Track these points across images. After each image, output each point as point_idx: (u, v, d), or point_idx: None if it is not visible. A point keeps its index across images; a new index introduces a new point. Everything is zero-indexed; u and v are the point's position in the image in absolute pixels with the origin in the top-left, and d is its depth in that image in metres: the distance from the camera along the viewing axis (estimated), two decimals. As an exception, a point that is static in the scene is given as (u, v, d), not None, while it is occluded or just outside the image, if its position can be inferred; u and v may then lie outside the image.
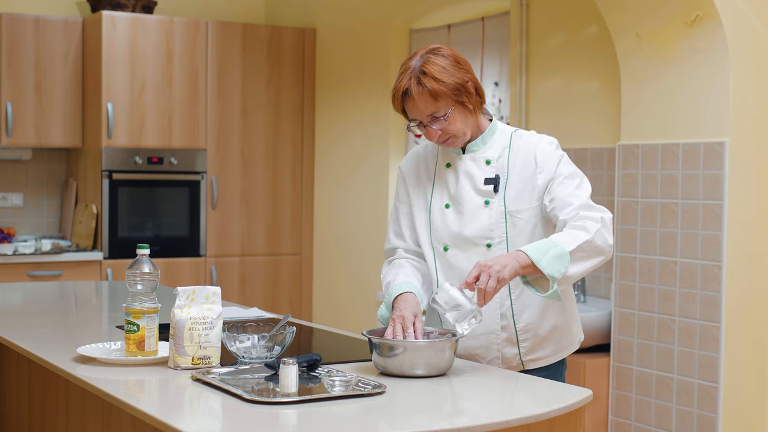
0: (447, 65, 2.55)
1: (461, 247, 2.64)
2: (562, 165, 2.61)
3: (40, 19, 5.87)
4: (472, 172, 2.64)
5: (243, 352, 2.49)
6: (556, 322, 2.65)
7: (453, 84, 2.53)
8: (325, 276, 6.40)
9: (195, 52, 6.08)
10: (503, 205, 2.60)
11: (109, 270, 5.82)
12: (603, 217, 2.51)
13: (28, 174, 6.18)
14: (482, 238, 2.61)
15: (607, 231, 2.51)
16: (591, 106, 4.60)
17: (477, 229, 2.62)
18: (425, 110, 2.55)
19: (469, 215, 2.62)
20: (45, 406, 3.08)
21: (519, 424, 2.07)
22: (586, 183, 2.61)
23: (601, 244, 2.48)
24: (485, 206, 2.61)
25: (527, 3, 4.88)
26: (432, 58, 2.55)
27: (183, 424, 1.98)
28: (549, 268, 2.40)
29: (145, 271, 2.52)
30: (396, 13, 5.78)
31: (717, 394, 3.86)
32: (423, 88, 2.52)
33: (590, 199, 2.58)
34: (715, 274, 3.87)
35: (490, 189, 2.61)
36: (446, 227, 2.66)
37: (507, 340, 2.63)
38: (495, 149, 2.64)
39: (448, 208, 2.66)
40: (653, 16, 4.02)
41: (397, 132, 5.81)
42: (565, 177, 2.59)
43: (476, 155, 2.65)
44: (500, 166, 2.63)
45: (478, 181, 2.63)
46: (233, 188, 6.24)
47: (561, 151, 2.65)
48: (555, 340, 2.67)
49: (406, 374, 2.38)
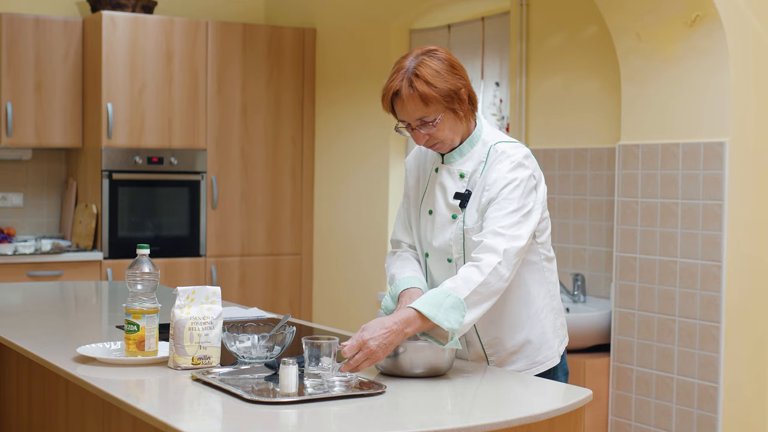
0: (441, 69, 2.46)
1: (434, 257, 2.62)
2: (507, 188, 2.45)
3: (40, 19, 5.87)
4: (445, 184, 2.57)
5: (243, 352, 2.49)
6: (529, 336, 2.57)
7: (445, 90, 2.45)
8: (325, 276, 6.40)
9: (195, 52, 6.08)
10: (463, 221, 2.53)
11: (109, 270, 5.82)
12: (506, 249, 2.39)
13: (28, 174, 6.18)
14: (445, 253, 2.57)
15: (507, 266, 2.38)
16: (591, 106, 4.60)
17: (441, 243, 2.57)
18: (414, 113, 2.47)
19: (439, 227, 2.58)
20: (45, 406, 3.08)
21: (519, 424, 2.07)
22: (523, 209, 2.44)
23: (495, 284, 2.38)
24: (452, 221, 2.55)
25: (527, 3, 4.88)
26: (426, 61, 2.46)
27: (183, 424, 1.98)
28: (447, 322, 2.32)
29: (145, 271, 2.52)
30: (396, 13, 5.78)
31: (717, 394, 3.86)
32: (414, 91, 2.44)
33: (519, 223, 2.42)
34: (715, 275, 3.87)
35: (457, 204, 2.53)
36: (425, 234, 2.63)
37: (474, 354, 2.60)
38: (471, 163, 2.55)
39: (430, 215, 2.62)
40: (653, 16, 4.02)
41: (396, 132, 5.80)
42: (501, 200, 2.45)
43: (452, 167, 2.57)
44: (473, 182, 2.53)
45: (449, 195, 2.55)
46: (233, 188, 6.24)
47: (521, 173, 2.47)
48: (528, 354, 2.59)
49: (407, 374, 2.38)
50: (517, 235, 2.42)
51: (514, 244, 2.40)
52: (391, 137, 5.79)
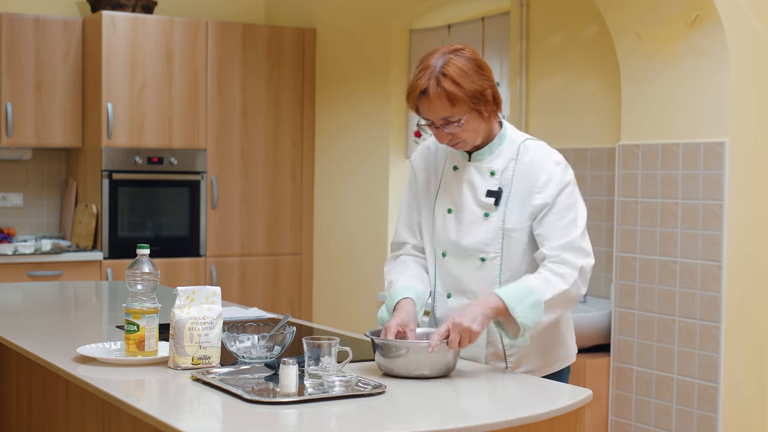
0: (468, 69, 2.45)
1: (457, 256, 2.59)
2: (563, 194, 2.51)
3: (40, 19, 5.87)
4: (474, 181, 2.57)
5: (243, 352, 2.49)
6: (548, 335, 2.59)
7: (472, 90, 2.45)
8: (325, 276, 6.40)
9: (195, 52, 6.08)
10: (502, 220, 2.53)
11: (109, 270, 5.82)
12: (583, 266, 2.46)
13: (28, 174, 6.18)
14: (477, 252, 2.56)
15: (583, 281, 2.47)
16: (591, 106, 4.60)
17: (473, 242, 2.55)
18: (440, 113, 2.47)
19: (467, 225, 2.56)
20: (45, 406, 3.08)
21: (519, 424, 2.07)
22: (581, 218, 2.52)
23: (575, 295, 2.45)
24: (484, 219, 2.54)
25: (527, 3, 4.88)
26: (454, 60, 2.45)
27: (183, 424, 1.98)
28: (523, 317, 2.37)
29: (145, 271, 2.52)
30: (396, 13, 5.78)
31: (717, 394, 3.86)
32: (441, 91, 2.43)
33: (583, 235, 2.50)
34: (715, 275, 3.87)
35: (491, 202, 2.54)
36: (445, 233, 2.60)
37: (494, 354, 2.60)
38: (501, 160, 2.56)
39: (450, 214, 2.60)
40: (653, 16, 4.02)
41: (397, 132, 5.81)
42: (561, 208, 2.49)
43: (481, 165, 2.57)
44: (504, 179, 2.54)
45: (480, 192, 2.56)
46: (233, 188, 6.24)
47: (568, 175, 2.54)
48: (545, 353, 2.61)
49: (412, 375, 2.38)
50: (588, 251, 2.49)
51: (589, 261, 2.48)
52: (391, 137, 5.79)
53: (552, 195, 2.50)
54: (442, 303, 2.65)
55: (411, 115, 5.70)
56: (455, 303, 2.60)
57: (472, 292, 2.57)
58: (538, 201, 2.50)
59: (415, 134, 5.65)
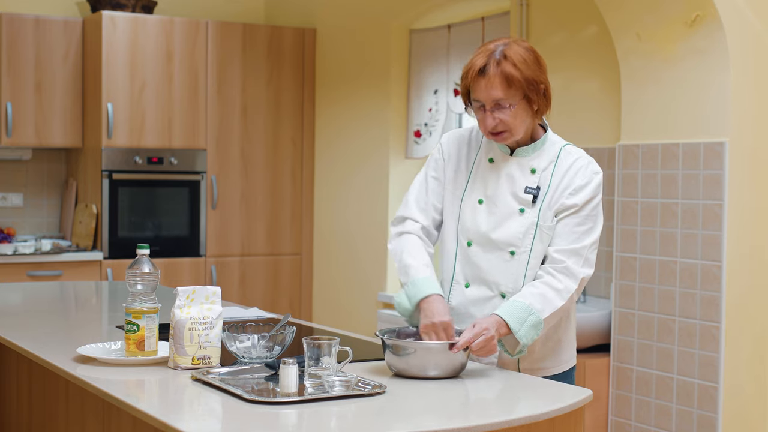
0: (528, 58, 2.53)
1: (484, 247, 2.61)
2: (592, 203, 2.60)
3: (40, 19, 5.87)
4: (515, 176, 2.60)
5: (243, 352, 2.49)
6: (559, 335, 2.65)
7: (529, 77, 2.51)
8: (325, 276, 6.40)
9: (195, 52, 6.08)
10: (537, 217, 2.57)
11: (109, 270, 5.82)
12: (584, 278, 2.54)
13: (28, 174, 6.18)
14: (508, 245, 2.58)
15: (578, 291, 2.55)
16: (591, 106, 4.60)
17: (506, 235, 2.59)
18: (494, 94, 2.50)
19: (501, 218, 2.59)
20: (45, 406, 3.08)
21: (519, 424, 2.07)
22: (597, 232, 2.60)
23: (568, 307, 2.54)
24: (519, 214, 2.58)
25: (527, 3, 4.88)
26: (515, 47, 2.53)
27: (183, 424, 1.98)
28: (525, 337, 2.46)
29: (145, 271, 2.52)
30: (396, 13, 5.78)
31: (717, 394, 3.86)
32: (500, 71, 2.48)
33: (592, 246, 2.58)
34: (715, 274, 3.87)
35: (528, 198, 2.58)
36: (474, 223, 2.62)
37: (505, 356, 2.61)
38: (543, 160, 2.61)
39: (481, 204, 2.62)
40: (653, 16, 4.02)
41: (397, 132, 5.81)
42: (584, 215, 2.59)
43: (523, 161, 2.61)
44: (544, 179, 2.60)
45: (519, 188, 2.59)
46: (233, 188, 6.24)
47: (600, 189, 2.64)
48: (556, 354, 2.66)
49: (419, 376, 2.39)
50: (592, 263, 2.57)
51: (590, 272, 2.56)
52: (391, 137, 5.79)
53: (583, 200, 2.59)
54: (459, 292, 2.66)
55: (411, 115, 5.70)
56: (473, 293, 2.63)
57: (495, 283, 2.61)
58: (570, 201, 2.58)
59: (415, 134, 5.65)
